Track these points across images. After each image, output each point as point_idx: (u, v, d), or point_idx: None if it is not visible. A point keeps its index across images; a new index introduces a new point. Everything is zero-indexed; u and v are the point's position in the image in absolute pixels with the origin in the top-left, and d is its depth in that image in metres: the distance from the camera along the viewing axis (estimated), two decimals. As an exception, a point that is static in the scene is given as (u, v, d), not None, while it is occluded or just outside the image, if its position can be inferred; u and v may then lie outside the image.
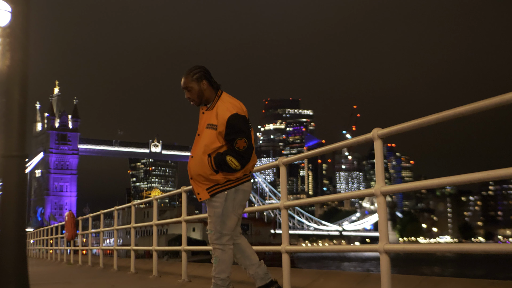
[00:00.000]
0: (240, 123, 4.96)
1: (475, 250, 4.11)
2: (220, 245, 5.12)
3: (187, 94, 5.11)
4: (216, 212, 5.07)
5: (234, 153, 4.91)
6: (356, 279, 6.56)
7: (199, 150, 5.01)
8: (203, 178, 5.00)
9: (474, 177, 4.08)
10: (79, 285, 9.76)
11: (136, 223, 12.67)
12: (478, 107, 4.05)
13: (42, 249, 33.06)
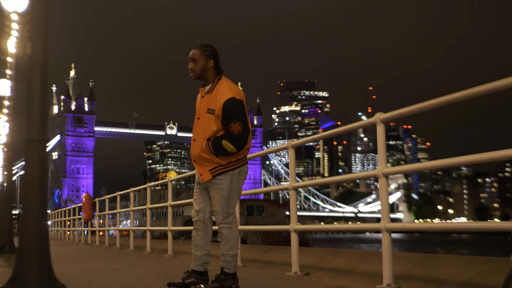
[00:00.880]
0: (235, 107, 5.11)
1: (468, 228, 4.36)
2: (227, 224, 5.30)
3: (191, 65, 5.25)
4: (222, 193, 5.24)
5: (229, 137, 5.07)
6: (362, 256, 6.84)
7: (200, 134, 5.19)
8: (205, 160, 5.18)
9: (479, 158, 4.28)
10: (97, 263, 10.10)
11: (151, 205, 13.02)
12: (486, 89, 4.19)
13: (60, 230, 33.60)
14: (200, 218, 5.36)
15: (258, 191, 8.95)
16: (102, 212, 20.93)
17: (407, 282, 5.37)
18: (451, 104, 4.72)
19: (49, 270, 4.77)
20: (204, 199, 5.39)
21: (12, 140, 15.39)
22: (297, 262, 6.74)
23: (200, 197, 5.39)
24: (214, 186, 5.26)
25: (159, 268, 8.12)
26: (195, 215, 5.40)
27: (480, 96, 4.35)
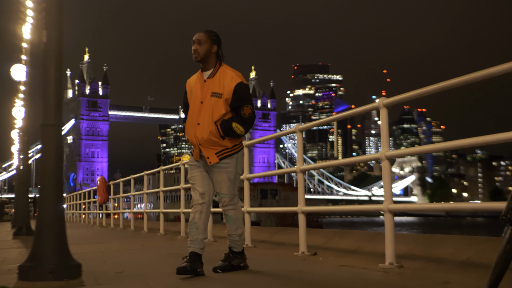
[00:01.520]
0: (245, 91, 5.31)
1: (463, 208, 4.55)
2: (232, 205, 5.48)
3: (196, 47, 5.33)
4: (230, 176, 5.40)
5: (239, 120, 5.24)
6: (367, 237, 7.05)
7: (206, 118, 5.28)
8: (213, 143, 5.30)
9: (481, 140, 4.43)
10: (111, 245, 10.37)
11: (165, 188, 13.28)
12: (498, 70, 4.28)
13: (75, 213, 34.02)
14: (206, 200, 5.41)
15: (266, 174, 9.15)
16: (116, 195, 21.23)
17: (409, 261, 5.57)
18: (466, 87, 4.77)
19: (66, 250, 4.98)
20: (207, 181, 5.45)
21: (28, 125, 15.64)
22: (305, 242, 6.95)
23: (202, 180, 5.44)
24: (222, 170, 5.38)
25: (171, 249, 8.36)
26: (200, 198, 5.41)
27: (496, 78, 4.37)
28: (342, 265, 5.74)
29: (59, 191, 5.19)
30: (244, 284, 4.64)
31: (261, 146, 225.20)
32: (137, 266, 6.54)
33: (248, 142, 8.83)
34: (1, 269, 6.40)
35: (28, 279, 4.73)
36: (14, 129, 29.96)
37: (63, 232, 5.03)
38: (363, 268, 5.39)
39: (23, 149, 16.61)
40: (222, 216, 5.69)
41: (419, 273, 4.95)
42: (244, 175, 8.82)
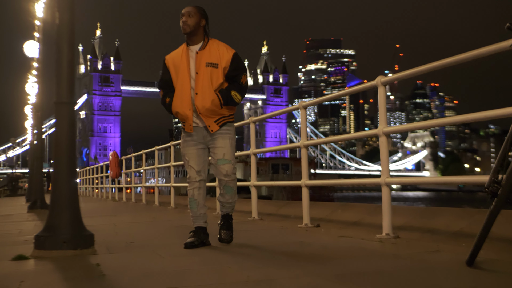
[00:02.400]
0: (241, 60, 5.50)
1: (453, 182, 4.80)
2: (233, 175, 5.61)
3: (186, 18, 5.41)
4: (232, 142, 5.55)
5: (237, 88, 5.41)
6: (368, 210, 7.32)
7: (204, 87, 5.36)
8: (211, 112, 5.40)
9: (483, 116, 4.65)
10: (123, 217, 10.70)
11: (175, 162, 13.59)
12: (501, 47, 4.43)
13: (88, 187, 34.46)
14: (202, 177, 5.57)
15: (272, 149, 9.39)
16: (128, 169, 21.57)
17: (405, 232, 5.84)
18: (479, 61, 4.79)
19: (79, 221, 5.26)
20: (202, 159, 5.58)
21: (41, 101, 15.91)
22: (308, 215, 7.23)
23: (197, 158, 5.55)
24: (225, 136, 5.50)
25: (181, 221, 8.65)
26: (197, 175, 5.55)
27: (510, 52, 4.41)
28: (342, 236, 6.01)
29: (72, 166, 5.45)
30: (246, 254, 4.90)
31: (273, 121, 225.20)
32: (147, 237, 6.84)
33: (255, 118, 9.09)
34: (17, 240, 6.70)
35: (44, 248, 5.02)
36: (27, 104, 30.32)
37: (77, 205, 5.31)
38: (361, 239, 5.66)
39: (37, 125, 16.90)
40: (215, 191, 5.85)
41: (413, 243, 5.22)
42: (251, 150, 9.09)
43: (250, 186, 9.08)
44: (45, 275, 4.09)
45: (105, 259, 4.74)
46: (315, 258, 4.53)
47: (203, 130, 5.52)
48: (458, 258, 3.97)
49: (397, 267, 3.99)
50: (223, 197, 5.64)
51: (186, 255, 4.91)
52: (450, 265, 3.92)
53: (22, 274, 4.09)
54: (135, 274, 3.96)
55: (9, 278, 3.91)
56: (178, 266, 4.33)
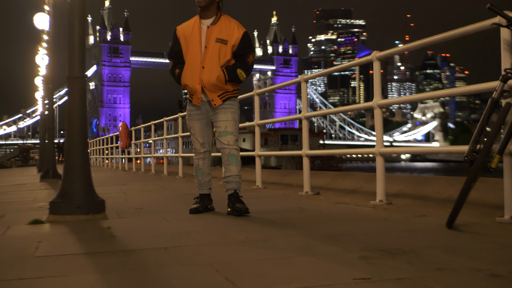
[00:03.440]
0: (250, 40, 5.67)
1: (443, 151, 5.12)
2: (236, 146, 5.75)
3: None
4: (234, 116, 5.70)
5: (243, 66, 5.56)
6: (365, 178, 7.66)
7: (212, 62, 5.50)
8: (216, 87, 5.55)
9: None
10: (133, 186, 11.08)
11: (183, 133, 13.95)
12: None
13: (98, 158, 34.92)
14: (207, 148, 5.79)
15: (274, 120, 9.72)
16: (137, 140, 21.94)
17: (398, 199, 6.18)
18: (488, 32, 4.77)
19: (91, 188, 5.60)
20: (207, 131, 5.74)
21: (52, 73, 16.21)
22: (308, 183, 7.57)
23: (201, 131, 5.72)
24: (227, 110, 5.62)
25: (188, 190, 9.00)
26: (201, 147, 5.76)
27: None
28: (339, 202, 6.36)
29: (84, 137, 5.79)
30: (246, 219, 5.22)
31: (282, 92, 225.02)
32: (155, 203, 7.21)
33: (259, 90, 9.40)
34: (32, 207, 7.07)
35: (58, 213, 5.37)
36: (37, 76, 30.64)
37: (88, 173, 5.65)
38: (356, 205, 6.00)
39: (48, 96, 17.21)
40: (219, 162, 6.00)
41: (404, 208, 5.55)
42: (255, 121, 9.42)
43: (254, 155, 9.41)
44: (60, 236, 4.44)
45: (116, 223, 5.09)
46: (310, 221, 4.88)
47: (207, 104, 5.65)
48: (441, 221, 4.29)
49: (383, 228, 4.33)
50: (228, 171, 5.66)
51: (191, 219, 5.26)
52: (432, 227, 4.25)
53: (39, 235, 4.44)
54: (143, 235, 4.31)
55: (28, 239, 4.26)
56: (183, 228, 4.69)
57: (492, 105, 4.20)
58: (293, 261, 3.14)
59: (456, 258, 3.09)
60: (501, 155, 4.09)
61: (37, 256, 3.54)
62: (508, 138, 4.14)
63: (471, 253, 3.24)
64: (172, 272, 2.96)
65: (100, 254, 3.56)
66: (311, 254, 3.31)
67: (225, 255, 3.41)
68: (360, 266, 2.93)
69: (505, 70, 4.24)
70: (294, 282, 2.65)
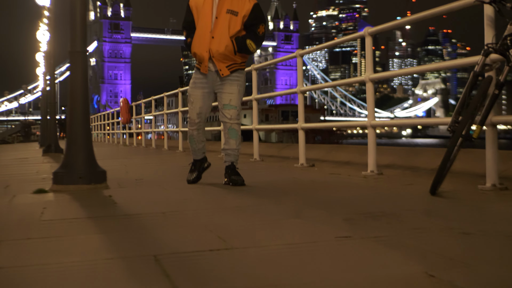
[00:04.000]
0: (261, 11, 5.73)
1: (428, 123, 5.33)
2: (238, 120, 5.83)
3: None
4: (240, 89, 5.80)
5: (253, 37, 5.63)
6: (360, 151, 7.89)
7: (222, 32, 5.58)
8: (225, 57, 5.63)
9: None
10: (134, 159, 11.32)
11: (183, 108, 14.18)
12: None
13: (99, 133, 35.14)
14: (202, 119, 5.83)
15: (271, 95, 9.92)
16: (138, 115, 22.16)
17: (389, 169, 6.42)
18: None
19: (93, 159, 5.81)
20: (207, 101, 5.80)
21: (53, 49, 16.35)
22: (304, 155, 7.81)
23: (201, 100, 5.78)
24: (233, 82, 5.71)
25: (187, 162, 9.21)
26: (197, 117, 5.81)
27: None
28: (332, 173, 6.59)
29: (86, 110, 5.98)
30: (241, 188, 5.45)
31: (283, 68, 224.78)
32: (155, 175, 7.45)
33: (257, 65, 9.59)
34: (36, 178, 7.30)
35: (61, 183, 5.59)
36: (38, 52, 30.77)
37: (90, 144, 5.87)
38: (348, 175, 6.24)
39: (49, 71, 17.37)
40: (219, 135, 6.06)
41: (393, 178, 5.79)
42: (252, 95, 9.63)
43: (252, 129, 9.63)
44: (64, 203, 4.67)
45: (116, 192, 5.32)
46: (302, 190, 5.12)
47: (214, 74, 5.71)
48: (427, 189, 4.50)
49: (369, 196, 4.57)
50: (228, 144, 5.77)
51: (189, 188, 5.50)
52: (416, 194, 4.48)
53: (44, 203, 4.67)
54: (142, 202, 4.55)
55: (33, 206, 4.49)
56: (181, 196, 4.93)
57: (474, 78, 4.41)
58: (281, 223, 3.37)
59: (433, 219, 3.33)
60: (482, 126, 4.31)
61: (42, 220, 3.76)
62: (489, 110, 4.36)
63: (448, 215, 3.47)
64: (168, 232, 3.20)
65: (101, 218, 3.80)
66: (299, 217, 3.54)
67: (219, 218, 3.64)
68: (343, 227, 3.15)
69: (487, 45, 4.45)
70: (281, 240, 2.88)
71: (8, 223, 3.68)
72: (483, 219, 3.37)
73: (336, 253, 2.54)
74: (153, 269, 2.29)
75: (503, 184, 4.60)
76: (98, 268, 2.39)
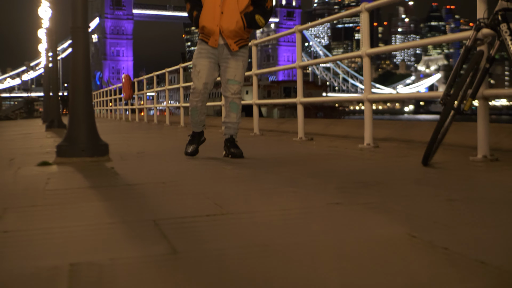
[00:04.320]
0: None
1: (420, 97, 5.45)
2: (239, 95, 5.92)
3: None
4: (244, 64, 5.87)
5: (262, 12, 5.65)
6: (357, 124, 8.04)
7: (231, 8, 5.54)
8: (235, 33, 5.69)
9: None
10: (136, 134, 11.48)
11: (184, 83, 14.29)
12: None
13: (102, 109, 35.26)
14: (207, 90, 5.86)
15: (271, 70, 10.02)
16: (140, 91, 22.26)
17: (385, 142, 6.55)
18: None
19: (95, 132, 5.94)
20: (213, 72, 5.80)
21: (55, 25, 16.41)
22: (302, 129, 7.94)
23: (208, 71, 5.77)
24: (239, 58, 5.77)
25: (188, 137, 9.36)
26: (203, 87, 5.80)
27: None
28: (330, 146, 6.73)
29: (88, 85, 6.09)
30: (240, 161, 5.59)
31: (286, 44, 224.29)
32: (156, 148, 7.59)
33: (256, 41, 9.69)
34: (40, 152, 7.42)
35: (65, 156, 5.73)
36: (40, 28, 30.76)
37: (92, 118, 5.99)
38: (345, 148, 6.37)
39: (51, 48, 17.43)
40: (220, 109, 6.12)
41: (389, 150, 5.92)
42: (252, 71, 9.74)
43: (252, 104, 9.75)
44: (67, 174, 4.81)
45: (118, 164, 5.45)
46: (299, 162, 5.26)
47: (221, 47, 5.74)
48: (420, 161, 4.64)
49: (364, 166, 4.71)
50: (228, 117, 5.86)
51: (189, 160, 5.63)
52: (409, 165, 4.62)
53: (48, 174, 4.81)
54: (144, 173, 4.69)
55: (38, 177, 4.63)
56: (181, 167, 5.07)
57: (466, 52, 4.53)
58: (276, 192, 3.50)
59: (422, 187, 3.47)
60: (473, 99, 4.43)
61: (47, 189, 3.90)
62: (480, 83, 4.48)
63: (436, 184, 3.61)
64: (168, 199, 3.34)
65: (104, 187, 3.94)
66: (293, 186, 3.68)
67: (217, 187, 3.78)
68: (336, 194, 3.29)
69: (478, 20, 4.56)
70: (274, 206, 3.01)
71: (14, 193, 3.82)
72: (469, 187, 3.50)
73: (326, 217, 2.67)
74: (152, 232, 2.43)
75: (494, 156, 4.74)
76: (100, 231, 2.53)
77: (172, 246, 2.17)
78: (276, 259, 1.95)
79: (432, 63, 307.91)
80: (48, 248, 2.24)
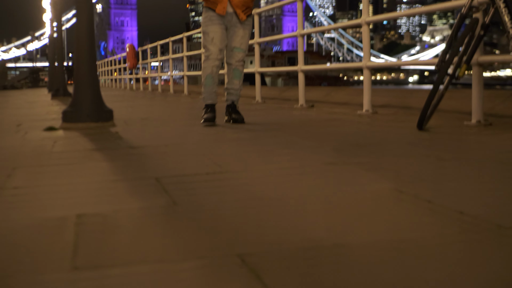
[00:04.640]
0: None
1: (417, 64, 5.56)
2: (243, 62, 6.03)
3: None
4: (249, 34, 5.97)
5: None
6: (356, 92, 8.17)
7: None
8: (243, 2, 5.77)
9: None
10: (140, 102, 11.61)
11: (188, 53, 14.37)
12: None
13: (107, 79, 35.34)
14: (223, 55, 5.85)
15: (272, 38, 10.10)
16: (145, 61, 22.33)
17: (384, 109, 6.68)
18: None
19: (99, 98, 6.06)
20: (225, 38, 5.80)
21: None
22: (303, 96, 8.05)
23: (221, 36, 5.77)
24: (246, 26, 5.85)
25: (190, 104, 9.53)
26: (219, 53, 5.78)
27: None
28: (330, 112, 6.86)
29: (92, 53, 6.19)
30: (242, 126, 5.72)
31: (290, 14, 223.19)
32: (159, 114, 7.72)
33: (258, 10, 9.76)
34: (46, 118, 7.57)
35: (70, 121, 5.86)
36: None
37: (97, 85, 6.11)
38: (344, 114, 6.50)
39: (56, 18, 17.50)
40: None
41: (386, 116, 6.05)
42: (255, 39, 9.82)
43: (254, 72, 9.86)
44: (73, 138, 4.95)
45: (123, 129, 5.59)
46: (298, 126, 5.39)
47: (229, 15, 5.78)
48: (415, 125, 4.77)
49: (360, 130, 4.85)
50: (231, 84, 5.95)
51: (191, 125, 5.76)
52: (405, 129, 4.75)
53: (55, 138, 4.95)
54: (147, 137, 4.84)
55: (45, 140, 4.77)
56: (183, 131, 5.22)
57: (461, 20, 4.64)
58: (274, 152, 3.64)
59: (413, 148, 3.60)
60: (468, 65, 4.55)
61: (54, 151, 4.05)
62: (475, 50, 4.59)
63: (428, 145, 3.74)
64: (170, 160, 3.48)
65: (108, 149, 4.08)
66: (291, 148, 3.82)
67: (217, 149, 3.93)
68: (331, 155, 3.42)
69: (473, -13, 4.65)
70: (271, 165, 3.15)
71: (22, 154, 3.96)
72: (459, 148, 3.64)
73: (320, 175, 2.81)
74: (154, 187, 2.57)
75: (487, 121, 4.87)
76: (105, 187, 2.67)
77: (172, 199, 2.31)
78: (269, 210, 2.09)
79: (437, 33, 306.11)
80: (56, 201, 2.38)
